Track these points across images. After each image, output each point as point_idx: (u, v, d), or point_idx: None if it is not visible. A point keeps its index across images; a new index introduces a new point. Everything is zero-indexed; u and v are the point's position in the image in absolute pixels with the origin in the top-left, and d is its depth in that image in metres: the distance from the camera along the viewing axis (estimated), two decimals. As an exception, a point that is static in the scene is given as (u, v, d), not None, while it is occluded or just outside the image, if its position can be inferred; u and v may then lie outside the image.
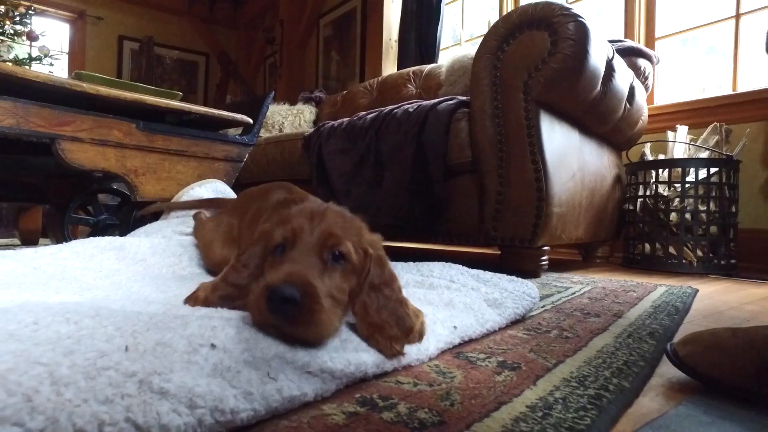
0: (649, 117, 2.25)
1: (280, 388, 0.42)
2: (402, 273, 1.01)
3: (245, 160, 1.78)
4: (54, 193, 1.79)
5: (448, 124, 1.58)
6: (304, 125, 3.28)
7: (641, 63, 2.11)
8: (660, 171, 2.00)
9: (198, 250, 1.15)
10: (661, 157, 2.10)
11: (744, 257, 1.98)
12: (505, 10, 3.21)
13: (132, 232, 1.38)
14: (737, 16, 2.27)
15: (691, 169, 1.90)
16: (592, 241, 2.02)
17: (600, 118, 1.76)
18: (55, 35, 5.03)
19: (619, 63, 1.70)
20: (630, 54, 2.06)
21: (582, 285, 1.33)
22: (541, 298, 1.08)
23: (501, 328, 0.78)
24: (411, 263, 1.15)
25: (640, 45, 2.23)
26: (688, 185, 1.90)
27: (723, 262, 1.86)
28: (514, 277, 1.00)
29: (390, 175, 1.70)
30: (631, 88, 1.88)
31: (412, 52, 3.51)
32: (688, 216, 1.90)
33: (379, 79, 3.13)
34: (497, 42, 1.50)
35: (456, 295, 0.80)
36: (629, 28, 2.57)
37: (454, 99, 1.66)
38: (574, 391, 0.51)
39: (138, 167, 1.45)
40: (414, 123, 1.65)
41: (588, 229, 1.80)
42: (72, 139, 1.31)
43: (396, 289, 0.61)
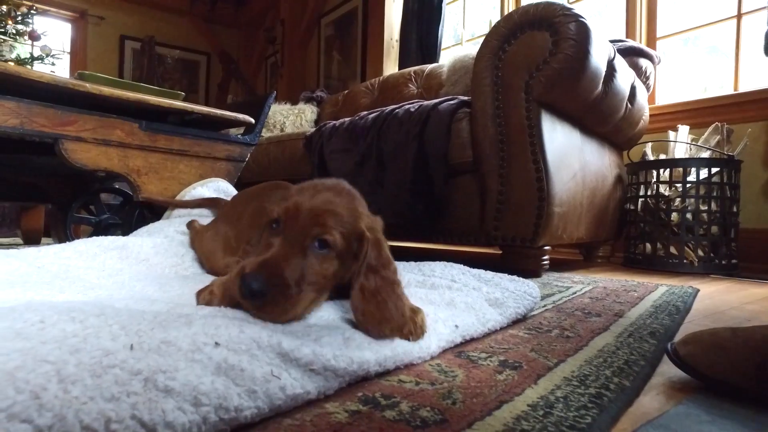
0: (651, 117, 2.25)
1: (283, 386, 0.43)
2: (404, 273, 1.01)
3: (247, 159, 1.79)
4: (56, 192, 1.80)
5: (449, 124, 1.59)
6: (306, 125, 3.29)
7: (642, 63, 2.11)
8: (661, 171, 2.00)
9: (197, 258, 1.14)
10: (662, 156, 2.10)
11: (745, 257, 1.98)
12: (506, 9, 3.21)
13: (134, 232, 1.38)
14: (738, 16, 2.27)
15: (693, 169, 1.91)
16: (593, 241, 2.02)
17: (601, 118, 1.76)
18: (56, 35, 5.04)
19: (620, 63, 1.71)
20: (631, 54, 2.06)
21: (583, 285, 1.34)
22: (542, 298, 1.08)
23: (502, 328, 0.78)
24: (412, 263, 1.15)
25: (641, 45, 2.23)
26: (689, 185, 1.90)
27: (724, 262, 1.86)
28: (515, 277, 1.00)
29: (391, 175, 1.70)
30: (633, 88, 1.88)
31: (414, 52, 3.51)
32: (689, 216, 1.90)
33: (381, 78, 3.13)
34: (498, 42, 1.50)
35: (457, 295, 0.80)
36: (630, 28, 2.57)
37: (455, 99, 1.66)
38: (575, 390, 0.51)
39: (140, 167, 1.46)
40: (415, 123, 1.66)
41: (589, 228, 1.80)
42: (75, 139, 1.31)
43: (392, 272, 0.63)
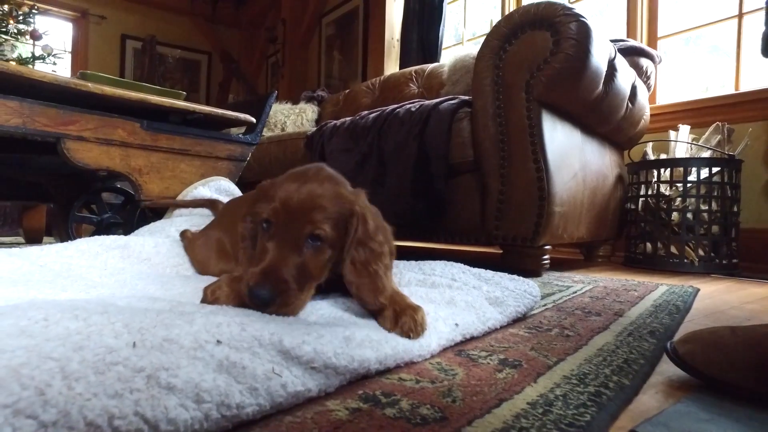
0: (651, 116, 2.25)
1: (284, 384, 0.43)
2: (404, 271, 1.02)
3: (248, 159, 1.79)
4: (58, 191, 1.80)
5: (450, 124, 1.59)
6: (307, 124, 3.29)
7: (643, 62, 2.11)
8: (662, 170, 2.00)
9: (193, 266, 1.13)
10: (663, 156, 2.10)
11: (745, 257, 1.98)
12: (507, 9, 3.21)
13: (136, 231, 1.38)
14: (740, 16, 2.27)
15: (693, 169, 1.91)
16: (593, 241, 2.02)
17: (602, 117, 1.76)
18: (58, 34, 5.05)
19: (621, 62, 1.71)
20: (632, 53, 2.06)
21: (583, 284, 1.34)
22: (543, 297, 1.09)
23: (502, 326, 0.78)
24: (413, 262, 1.15)
25: (642, 44, 2.22)
26: (690, 185, 1.90)
27: (724, 262, 1.86)
28: (515, 276, 1.01)
29: (392, 174, 1.70)
30: (633, 88, 1.88)
31: (414, 52, 3.51)
32: (689, 215, 1.90)
33: (381, 78, 3.13)
34: (499, 42, 1.50)
35: (458, 294, 0.81)
36: (631, 28, 2.57)
37: (456, 98, 1.66)
38: (575, 388, 0.51)
39: (142, 166, 1.46)
40: (416, 122, 1.66)
41: (590, 228, 1.80)
42: (77, 138, 1.32)
43: (378, 244, 0.68)
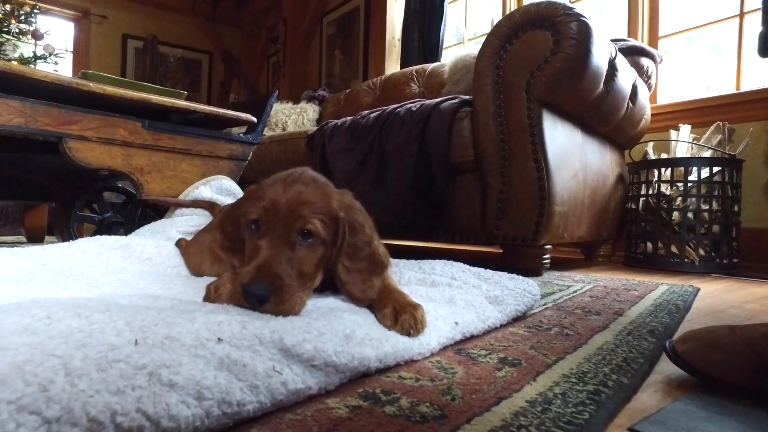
0: (652, 116, 2.25)
1: (285, 381, 0.43)
2: (404, 270, 1.02)
3: (249, 158, 1.79)
4: (60, 191, 1.81)
5: (451, 123, 1.59)
6: (308, 124, 3.29)
7: (644, 62, 2.11)
8: (662, 170, 2.00)
9: (189, 272, 1.13)
10: (663, 156, 2.10)
11: (746, 256, 1.98)
12: (508, 8, 3.21)
13: (137, 231, 1.39)
14: (741, 15, 2.26)
15: (694, 168, 1.91)
16: (594, 240, 2.02)
17: (602, 117, 1.76)
18: (59, 34, 5.05)
19: (621, 62, 1.71)
20: (633, 53, 2.06)
21: (583, 283, 1.34)
22: (543, 296, 1.09)
23: (502, 325, 0.78)
24: (413, 261, 1.16)
25: (642, 44, 2.22)
26: (690, 184, 1.90)
27: (725, 261, 1.86)
28: (515, 275, 1.01)
29: (393, 174, 1.70)
30: (634, 87, 1.88)
31: (415, 51, 3.51)
32: (690, 215, 1.90)
33: (382, 77, 3.14)
34: (500, 41, 1.50)
35: (457, 293, 0.81)
36: (632, 27, 2.57)
37: (456, 98, 1.67)
38: (574, 386, 0.52)
39: (143, 166, 1.47)
40: (417, 122, 1.66)
41: (590, 227, 1.80)
42: (79, 137, 1.32)
43: (367, 235, 0.68)
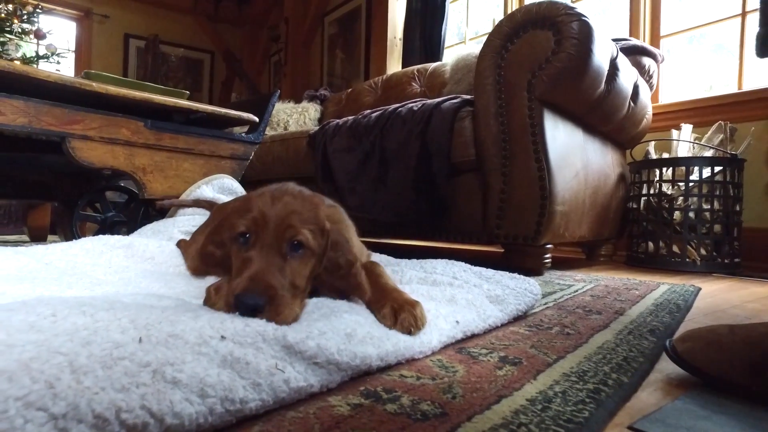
0: (654, 115, 2.25)
1: (287, 379, 0.44)
2: (405, 270, 1.03)
3: (251, 158, 1.80)
4: (63, 190, 1.82)
5: (452, 123, 1.59)
6: (309, 123, 3.30)
7: (645, 61, 2.11)
8: (664, 169, 2.00)
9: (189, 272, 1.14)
10: (665, 155, 2.10)
11: (747, 256, 1.98)
12: (509, 8, 3.21)
13: (139, 230, 1.39)
14: (743, 14, 2.26)
15: (696, 168, 1.90)
16: (595, 240, 2.02)
17: (604, 116, 1.76)
18: (61, 33, 5.06)
19: (623, 62, 1.71)
20: (634, 52, 2.06)
21: (585, 283, 1.34)
22: (544, 296, 1.09)
23: (503, 324, 0.79)
24: (414, 260, 1.16)
25: (644, 43, 2.22)
26: (692, 184, 1.90)
27: (726, 261, 1.86)
28: (516, 275, 1.01)
29: (394, 174, 1.71)
30: (635, 87, 1.88)
31: (417, 51, 3.51)
32: (692, 215, 1.90)
33: (384, 77, 3.14)
34: (501, 41, 1.50)
35: (458, 292, 0.81)
36: (634, 27, 2.56)
37: (458, 98, 1.67)
38: (574, 385, 0.52)
39: (146, 165, 1.47)
40: (418, 121, 1.66)
41: (591, 227, 1.80)
42: (82, 137, 1.33)
43: (352, 255, 0.69)
